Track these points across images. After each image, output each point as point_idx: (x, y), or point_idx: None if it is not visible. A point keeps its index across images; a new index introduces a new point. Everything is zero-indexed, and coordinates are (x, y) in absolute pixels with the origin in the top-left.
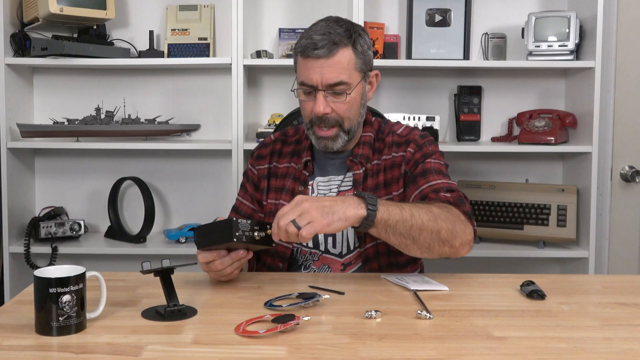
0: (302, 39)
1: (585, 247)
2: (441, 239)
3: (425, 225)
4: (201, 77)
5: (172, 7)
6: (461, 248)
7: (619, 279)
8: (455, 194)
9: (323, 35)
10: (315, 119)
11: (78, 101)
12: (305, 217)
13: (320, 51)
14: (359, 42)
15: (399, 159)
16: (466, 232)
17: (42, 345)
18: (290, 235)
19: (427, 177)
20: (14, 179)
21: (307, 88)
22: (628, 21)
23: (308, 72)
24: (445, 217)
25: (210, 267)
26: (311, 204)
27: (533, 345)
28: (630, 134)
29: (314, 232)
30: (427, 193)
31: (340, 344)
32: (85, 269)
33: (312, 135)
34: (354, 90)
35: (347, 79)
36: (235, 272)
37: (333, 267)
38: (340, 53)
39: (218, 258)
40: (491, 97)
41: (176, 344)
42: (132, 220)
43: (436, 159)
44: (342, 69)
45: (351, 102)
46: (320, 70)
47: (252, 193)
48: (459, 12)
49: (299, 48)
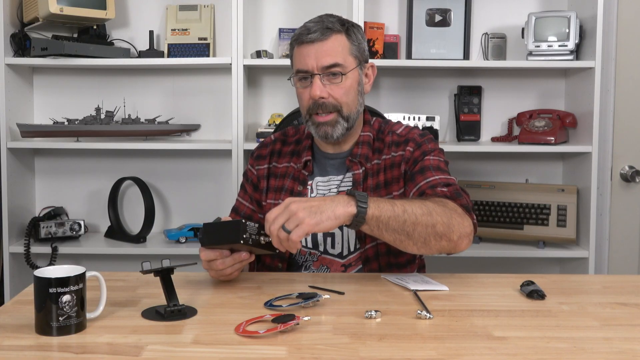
0: (297, 30)
1: (585, 247)
2: (437, 233)
3: (419, 219)
4: (201, 77)
5: (172, 7)
6: (460, 241)
7: (619, 279)
8: (452, 187)
9: (316, 22)
10: (313, 105)
11: (78, 101)
12: (293, 220)
13: (314, 35)
14: (352, 31)
15: (399, 159)
16: (464, 224)
17: (42, 345)
18: (282, 241)
19: (425, 174)
20: (14, 179)
21: (303, 74)
22: (628, 21)
23: (304, 58)
24: (440, 211)
25: (211, 265)
26: (298, 205)
27: (533, 345)
28: (630, 134)
29: (302, 234)
30: (424, 189)
31: (340, 344)
32: (85, 269)
33: (312, 125)
34: (350, 74)
35: (341, 61)
36: (236, 274)
37: (332, 267)
38: (334, 38)
39: (220, 257)
40: (491, 97)
41: (176, 344)
42: (132, 220)
43: (435, 155)
44: (336, 51)
45: (347, 87)
46: (315, 55)
47: (252, 193)
48: (459, 12)
49: (294, 37)
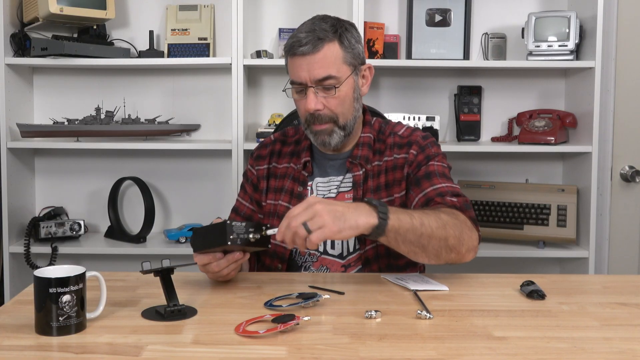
0: (289, 39)
1: (585, 247)
2: (449, 246)
3: (435, 233)
4: (201, 77)
5: (172, 7)
6: (467, 254)
7: (619, 279)
8: (462, 199)
9: (308, 32)
10: (309, 117)
11: (78, 101)
12: (317, 221)
13: (305, 47)
14: (346, 36)
15: (401, 161)
16: (472, 238)
17: (42, 345)
18: (298, 237)
19: (432, 180)
20: (14, 179)
21: (297, 86)
22: (628, 21)
23: (296, 70)
24: (453, 224)
25: (207, 269)
26: (323, 207)
27: (533, 345)
28: (630, 134)
29: (323, 238)
30: (432, 197)
31: (340, 344)
32: (85, 269)
33: (310, 133)
34: (344, 84)
35: (335, 73)
36: (233, 273)
37: (332, 268)
38: (326, 48)
39: (214, 260)
40: (491, 97)
41: (176, 344)
42: (132, 220)
43: (439, 161)
44: (329, 63)
45: (342, 96)
46: (308, 67)
47: (251, 194)
48: (459, 12)
49: (286, 48)
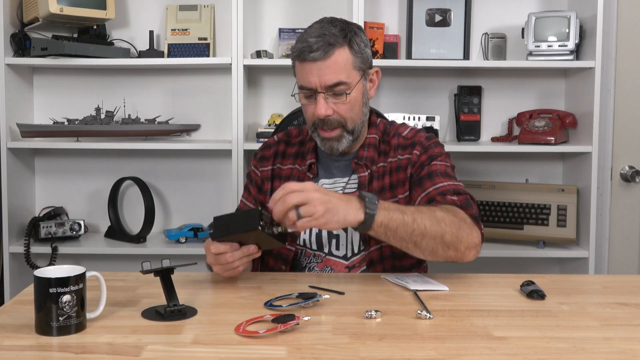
0: (298, 42)
1: (585, 247)
2: (445, 243)
3: (428, 230)
4: (201, 77)
5: (172, 7)
6: (467, 252)
7: (619, 279)
8: (463, 196)
9: (318, 37)
10: (318, 121)
11: (78, 101)
12: (309, 209)
13: (316, 53)
14: (355, 40)
15: (405, 162)
16: (472, 235)
17: (42, 345)
18: (287, 219)
19: (433, 179)
20: (14, 179)
21: (307, 92)
22: (628, 21)
23: (306, 75)
24: (449, 220)
25: (219, 259)
26: (319, 198)
27: (533, 345)
28: (630, 134)
29: (309, 227)
30: (433, 196)
31: (340, 344)
32: (85, 269)
33: (317, 137)
34: (354, 89)
35: (345, 78)
36: (241, 268)
37: (336, 269)
38: (337, 53)
39: (230, 250)
40: (491, 97)
41: (176, 344)
42: (132, 220)
43: (442, 160)
44: (339, 69)
45: (352, 102)
46: (318, 73)
47: (255, 195)
48: (459, 12)
49: (295, 52)
